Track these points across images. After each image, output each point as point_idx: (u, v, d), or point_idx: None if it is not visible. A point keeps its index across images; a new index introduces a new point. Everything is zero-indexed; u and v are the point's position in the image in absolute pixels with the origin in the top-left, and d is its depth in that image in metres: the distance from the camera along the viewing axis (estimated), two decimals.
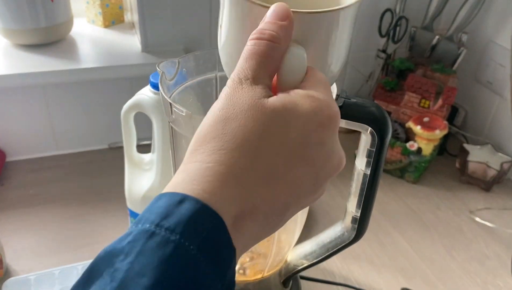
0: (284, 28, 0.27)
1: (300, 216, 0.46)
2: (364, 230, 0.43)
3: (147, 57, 0.86)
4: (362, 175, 0.39)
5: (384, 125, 0.36)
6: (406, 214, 0.83)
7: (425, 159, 0.87)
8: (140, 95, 0.60)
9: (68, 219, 0.77)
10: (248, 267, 0.47)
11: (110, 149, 0.96)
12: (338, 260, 0.73)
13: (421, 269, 0.72)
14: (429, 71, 0.91)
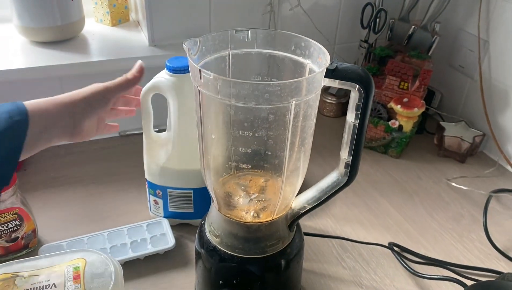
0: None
1: (301, 171, 0.56)
2: (355, 174, 0.52)
3: (154, 50, 0.94)
4: (352, 127, 0.49)
5: (368, 83, 0.46)
6: (390, 183, 0.93)
7: (406, 135, 0.98)
8: (157, 78, 0.69)
9: (88, 197, 0.85)
10: (261, 212, 0.56)
11: (121, 136, 1.04)
12: (332, 222, 0.82)
13: (405, 227, 0.82)
14: (406, 57, 1.01)
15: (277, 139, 0.48)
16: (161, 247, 0.72)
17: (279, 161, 0.50)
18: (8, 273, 0.60)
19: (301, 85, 0.44)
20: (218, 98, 0.44)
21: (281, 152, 0.49)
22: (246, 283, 0.56)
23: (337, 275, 0.72)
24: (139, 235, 0.74)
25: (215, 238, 0.57)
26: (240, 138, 0.48)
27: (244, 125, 0.47)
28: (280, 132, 0.47)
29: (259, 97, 0.43)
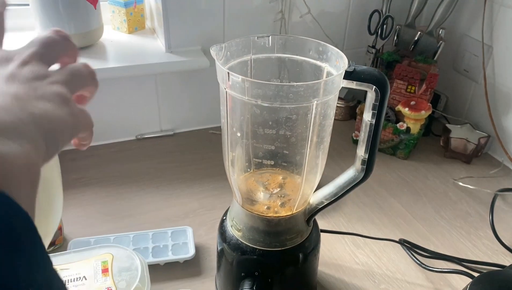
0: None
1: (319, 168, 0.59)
2: (371, 170, 0.55)
3: (171, 57, 0.98)
4: (369, 125, 0.52)
5: (384, 84, 0.49)
6: (399, 183, 0.96)
7: (414, 137, 1.01)
8: None
9: (109, 197, 0.89)
10: (281, 207, 0.60)
11: (138, 140, 1.08)
12: (344, 220, 0.85)
13: (415, 225, 0.85)
14: (413, 62, 1.05)
15: (298, 136, 0.52)
16: (181, 256, 0.74)
17: (300, 157, 0.54)
18: None
19: (322, 86, 0.47)
20: (245, 99, 0.48)
21: (302, 149, 0.52)
22: (267, 275, 0.60)
23: (351, 270, 0.75)
24: (162, 241, 0.77)
25: (237, 232, 0.61)
26: (265, 136, 0.51)
27: (268, 124, 0.50)
28: (302, 130, 0.51)
29: (283, 97, 0.46)
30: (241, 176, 0.60)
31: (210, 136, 1.12)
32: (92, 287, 0.61)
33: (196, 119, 1.12)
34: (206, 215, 0.85)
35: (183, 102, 1.09)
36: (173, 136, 1.11)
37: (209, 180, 0.95)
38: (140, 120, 1.07)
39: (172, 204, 0.88)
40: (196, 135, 1.12)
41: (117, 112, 1.04)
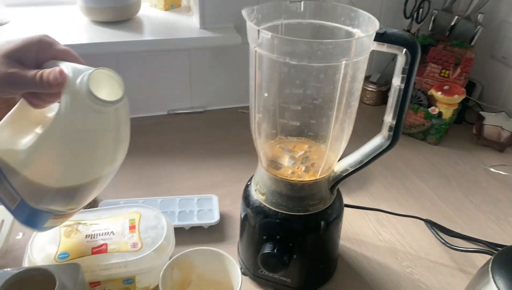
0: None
1: (345, 135, 0.59)
2: (398, 137, 0.55)
3: (204, 33, 1.00)
4: (398, 90, 0.52)
5: (415, 47, 0.49)
6: (428, 168, 0.95)
7: (445, 122, 0.99)
8: None
9: (139, 166, 0.91)
10: (304, 172, 0.60)
11: (169, 115, 1.10)
12: (369, 199, 0.85)
13: (441, 208, 0.84)
14: (448, 46, 1.02)
15: (325, 97, 0.52)
16: (206, 221, 0.75)
17: (326, 120, 0.54)
18: (71, 221, 0.66)
19: (351, 46, 0.47)
20: (274, 57, 0.49)
21: (329, 111, 0.53)
22: (288, 239, 0.60)
23: (373, 246, 0.75)
24: (189, 207, 0.78)
25: (261, 196, 0.62)
26: (291, 95, 0.52)
27: (295, 83, 0.51)
28: (329, 91, 0.51)
29: (312, 55, 0.47)
30: (267, 142, 0.61)
31: (239, 114, 1.13)
32: (119, 242, 0.63)
33: (226, 97, 1.14)
34: (232, 187, 0.87)
35: (214, 80, 1.10)
36: (203, 113, 1.13)
37: (236, 155, 0.96)
38: (172, 96, 1.10)
39: (200, 175, 0.90)
40: (225, 113, 1.14)
41: (151, 87, 1.06)
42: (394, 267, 0.71)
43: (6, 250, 0.69)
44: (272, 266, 0.60)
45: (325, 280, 0.67)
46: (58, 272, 0.51)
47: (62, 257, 0.60)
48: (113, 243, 0.63)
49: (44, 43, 0.49)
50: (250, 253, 0.65)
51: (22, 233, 0.73)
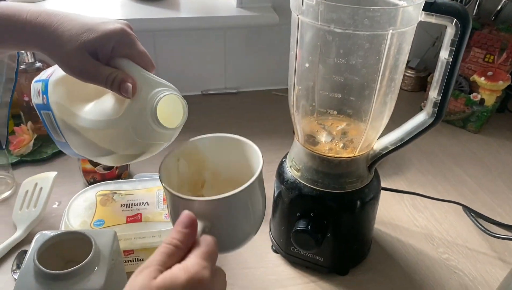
0: (187, 235, 0.38)
1: (386, 114, 0.57)
2: (442, 114, 0.53)
3: (241, 11, 0.99)
4: (445, 64, 0.50)
5: (466, 17, 0.47)
6: (467, 156, 0.92)
7: (487, 109, 0.95)
8: None
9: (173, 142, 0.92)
10: (341, 151, 0.59)
11: (203, 95, 1.10)
12: (406, 186, 0.83)
13: (480, 196, 0.81)
14: (494, 30, 0.98)
15: (369, 68, 0.50)
16: None
17: (369, 93, 0.52)
18: (107, 190, 0.67)
19: (398, 14, 0.45)
20: (318, 24, 0.47)
21: (372, 83, 0.51)
22: (323, 216, 0.59)
23: (408, 231, 0.73)
24: None
25: (296, 172, 0.61)
26: (334, 65, 0.50)
27: (339, 52, 0.49)
28: (374, 62, 0.49)
29: (358, 22, 0.45)
30: (305, 117, 0.60)
31: (273, 96, 1.12)
32: (153, 212, 0.63)
33: (260, 79, 1.13)
34: (265, 167, 0.85)
35: (249, 61, 1.10)
36: (237, 94, 1.12)
37: (270, 136, 0.95)
38: (206, 76, 1.09)
39: None
40: (259, 95, 1.13)
41: (186, 66, 1.06)
42: (429, 252, 0.69)
43: (43, 218, 0.70)
44: (305, 243, 0.59)
45: (357, 262, 0.66)
46: (95, 237, 0.51)
47: (97, 224, 0.61)
48: (147, 213, 0.63)
49: (124, 40, 0.46)
50: (282, 230, 0.64)
51: (58, 202, 0.74)
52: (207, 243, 0.39)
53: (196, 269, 0.36)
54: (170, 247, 0.38)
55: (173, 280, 0.35)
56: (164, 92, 0.46)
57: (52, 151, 0.85)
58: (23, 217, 0.68)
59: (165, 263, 0.37)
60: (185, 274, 0.35)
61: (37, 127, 0.88)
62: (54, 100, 0.54)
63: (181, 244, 0.38)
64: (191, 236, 0.39)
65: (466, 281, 0.64)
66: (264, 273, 0.64)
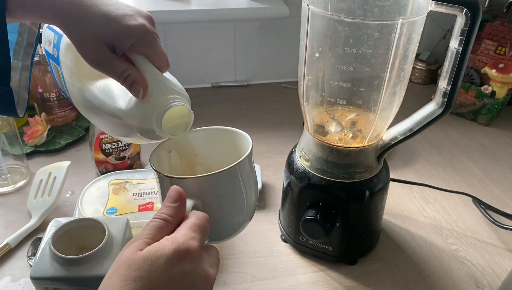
0: (175, 208, 0.38)
1: (396, 104, 0.58)
2: (452, 103, 0.53)
3: (252, 3, 0.99)
4: (455, 53, 0.50)
5: (476, 7, 0.47)
6: (477, 148, 0.92)
7: (498, 102, 0.95)
8: None
9: None
10: (350, 141, 0.59)
11: (213, 87, 1.11)
12: (416, 177, 0.83)
13: (490, 188, 0.81)
14: (506, 22, 0.97)
15: (379, 58, 0.50)
16: None
17: (378, 82, 0.52)
18: (119, 179, 0.68)
19: (408, 4, 0.46)
20: (328, 14, 0.48)
21: (382, 73, 0.51)
22: (331, 206, 0.60)
23: (417, 223, 0.73)
24: None
25: (306, 162, 0.61)
26: (344, 55, 0.51)
27: (349, 42, 0.49)
28: (383, 51, 0.50)
29: (368, 11, 0.45)
30: (314, 108, 0.60)
31: (282, 89, 1.13)
32: None
33: (270, 72, 1.13)
34: (274, 158, 0.87)
35: (259, 54, 1.10)
36: (247, 86, 1.13)
37: (279, 128, 0.96)
38: (217, 69, 1.10)
39: None
40: (268, 87, 1.13)
41: (196, 58, 1.07)
42: (438, 243, 0.69)
43: (57, 206, 0.71)
44: (314, 232, 0.60)
45: (366, 252, 0.66)
46: (108, 224, 0.53)
47: (110, 212, 0.62)
48: (159, 202, 0.64)
49: (144, 38, 0.44)
50: (292, 220, 0.65)
51: (71, 192, 0.76)
52: (196, 216, 0.39)
53: (183, 239, 0.36)
54: (159, 221, 0.38)
55: (159, 250, 0.35)
56: (173, 101, 0.45)
57: (65, 142, 0.86)
58: (37, 206, 0.69)
59: (154, 236, 0.37)
60: (172, 244, 0.35)
61: (51, 118, 0.89)
62: (65, 61, 0.53)
63: (171, 218, 0.38)
64: (180, 210, 0.39)
65: (475, 272, 0.64)
66: (274, 262, 0.65)
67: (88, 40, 0.44)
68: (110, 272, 0.35)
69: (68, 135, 0.88)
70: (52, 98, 0.87)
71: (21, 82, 0.53)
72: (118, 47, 0.45)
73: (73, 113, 0.92)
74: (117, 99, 0.49)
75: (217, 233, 0.46)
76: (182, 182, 0.42)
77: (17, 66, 0.52)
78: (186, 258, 0.35)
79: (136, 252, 0.35)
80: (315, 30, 0.52)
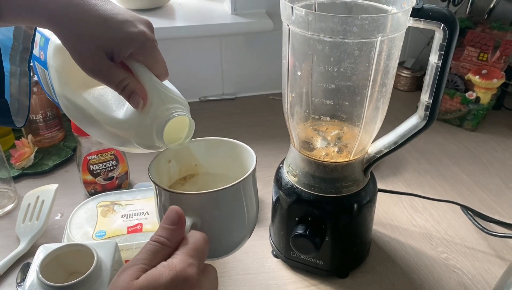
0: (174, 231, 0.36)
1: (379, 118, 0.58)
2: (434, 116, 0.54)
3: (236, 18, 1.00)
4: (435, 67, 0.51)
5: (453, 22, 0.47)
6: (464, 154, 0.92)
7: (483, 107, 0.96)
8: None
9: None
10: (336, 156, 0.60)
11: (201, 101, 1.11)
12: (404, 186, 0.84)
13: (479, 195, 0.81)
14: (487, 29, 0.99)
15: (360, 75, 0.51)
16: None
17: (360, 99, 0.53)
18: (108, 201, 0.68)
19: (387, 21, 0.46)
20: (308, 34, 0.48)
21: (364, 89, 0.52)
22: (320, 221, 0.60)
23: (407, 232, 0.73)
24: None
25: (293, 177, 0.62)
26: (325, 73, 0.51)
27: (330, 61, 0.50)
28: (364, 68, 0.50)
29: (347, 31, 0.46)
30: (299, 124, 0.61)
31: (270, 101, 1.13)
32: (153, 222, 0.64)
33: (257, 84, 1.14)
34: (263, 172, 0.87)
35: (246, 67, 1.11)
36: (234, 100, 1.13)
37: (268, 141, 0.96)
38: (204, 83, 1.11)
39: None
40: (256, 100, 1.14)
41: (183, 74, 1.08)
42: (428, 252, 0.69)
43: (46, 229, 0.71)
44: (304, 248, 0.60)
45: (357, 264, 0.67)
46: (97, 249, 0.52)
47: (99, 235, 0.62)
48: (148, 223, 0.64)
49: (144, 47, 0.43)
50: (282, 235, 0.65)
51: (60, 214, 0.75)
52: (195, 239, 0.37)
53: (181, 267, 0.34)
54: (156, 244, 0.36)
55: (155, 278, 0.33)
56: (174, 111, 0.44)
57: (53, 163, 0.86)
58: (26, 230, 0.69)
59: (150, 262, 0.35)
60: (169, 272, 0.33)
61: (38, 140, 0.89)
62: (53, 65, 0.51)
63: (168, 241, 0.36)
64: (178, 232, 0.37)
65: (465, 280, 0.65)
66: (266, 278, 0.65)
67: (85, 47, 0.41)
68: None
69: (56, 156, 0.88)
70: (38, 120, 0.87)
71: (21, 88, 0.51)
72: (116, 55, 0.42)
73: (60, 133, 0.92)
74: (113, 108, 0.47)
75: (215, 250, 0.44)
76: (183, 197, 0.41)
77: (16, 72, 0.50)
78: (184, 287, 0.34)
79: (132, 281, 0.33)
80: (296, 49, 0.52)
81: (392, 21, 0.47)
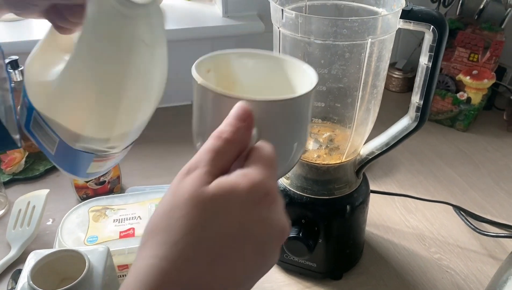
0: (242, 129, 0.29)
1: (371, 120, 0.58)
2: (425, 117, 0.54)
3: (227, 21, 1.00)
4: (425, 69, 0.51)
5: (442, 24, 0.48)
6: (456, 154, 0.93)
7: (474, 108, 0.97)
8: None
9: (165, 153, 0.92)
10: (329, 155, 0.60)
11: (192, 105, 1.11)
12: (397, 187, 0.84)
13: (471, 195, 0.82)
14: (477, 29, 1.00)
15: (351, 77, 0.51)
16: None
17: (351, 100, 0.53)
18: (99, 206, 0.68)
19: (377, 23, 0.46)
20: (298, 36, 0.48)
21: (354, 91, 0.52)
22: (313, 223, 0.60)
23: (400, 233, 0.73)
24: None
25: (286, 180, 0.61)
26: None
27: (320, 63, 0.50)
28: (355, 70, 0.50)
29: (337, 33, 0.46)
30: None
31: None
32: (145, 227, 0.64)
33: None
34: None
35: None
36: None
37: None
38: None
39: None
40: None
41: (174, 77, 1.06)
42: (421, 253, 0.70)
43: (38, 235, 0.70)
44: (298, 250, 0.60)
45: (351, 266, 0.67)
46: (88, 254, 0.52)
47: (91, 240, 0.61)
48: (140, 228, 0.63)
49: None
50: None
51: (52, 219, 0.75)
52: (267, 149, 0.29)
53: (260, 178, 0.27)
54: (220, 142, 0.28)
55: (232, 188, 0.27)
56: None
57: (44, 168, 0.85)
58: (17, 236, 0.68)
59: (216, 163, 0.28)
60: (248, 182, 0.27)
61: (28, 145, 0.88)
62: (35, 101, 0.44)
63: (235, 139, 0.29)
64: (245, 133, 0.29)
65: (458, 280, 0.65)
66: (260, 281, 0.64)
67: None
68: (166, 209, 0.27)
69: (47, 161, 0.87)
70: None
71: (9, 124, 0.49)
72: None
73: None
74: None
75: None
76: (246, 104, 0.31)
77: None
78: (265, 202, 0.28)
79: (202, 188, 0.27)
80: (287, 51, 0.52)
81: (382, 23, 0.47)
